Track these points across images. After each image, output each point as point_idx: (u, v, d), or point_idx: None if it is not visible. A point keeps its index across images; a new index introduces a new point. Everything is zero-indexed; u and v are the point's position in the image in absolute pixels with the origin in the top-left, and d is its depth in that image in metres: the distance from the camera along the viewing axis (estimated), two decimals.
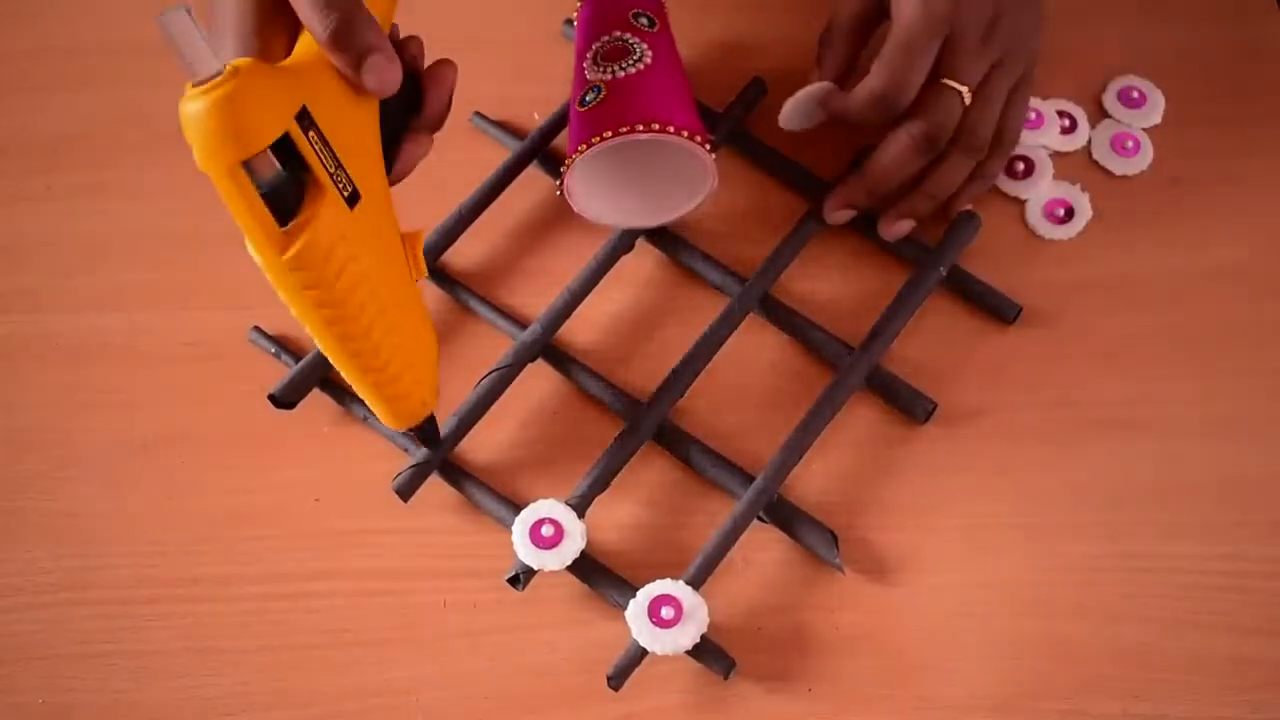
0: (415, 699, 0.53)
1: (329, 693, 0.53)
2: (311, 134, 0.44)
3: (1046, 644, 0.54)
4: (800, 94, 0.61)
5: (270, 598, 0.55)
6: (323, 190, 0.45)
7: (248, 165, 0.43)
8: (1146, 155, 0.65)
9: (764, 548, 0.56)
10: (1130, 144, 0.65)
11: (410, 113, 0.50)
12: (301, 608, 0.55)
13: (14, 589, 0.56)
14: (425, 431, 0.54)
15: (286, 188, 0.44)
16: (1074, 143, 0.66)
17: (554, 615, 0.55)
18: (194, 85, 0.41)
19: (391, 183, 0.50)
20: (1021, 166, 0.65)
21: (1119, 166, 0.65)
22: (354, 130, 0.47)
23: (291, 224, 0.45)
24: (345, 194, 0.46)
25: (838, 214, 0.62)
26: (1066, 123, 0.66)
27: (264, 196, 0.43)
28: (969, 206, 0.62)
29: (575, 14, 0.64)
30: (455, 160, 0.64)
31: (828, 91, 0.60)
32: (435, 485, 0.57)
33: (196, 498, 0.57)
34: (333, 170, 0.45)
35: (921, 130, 0.58)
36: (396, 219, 0.50)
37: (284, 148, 0.43)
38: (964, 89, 0.58)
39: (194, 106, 0.41)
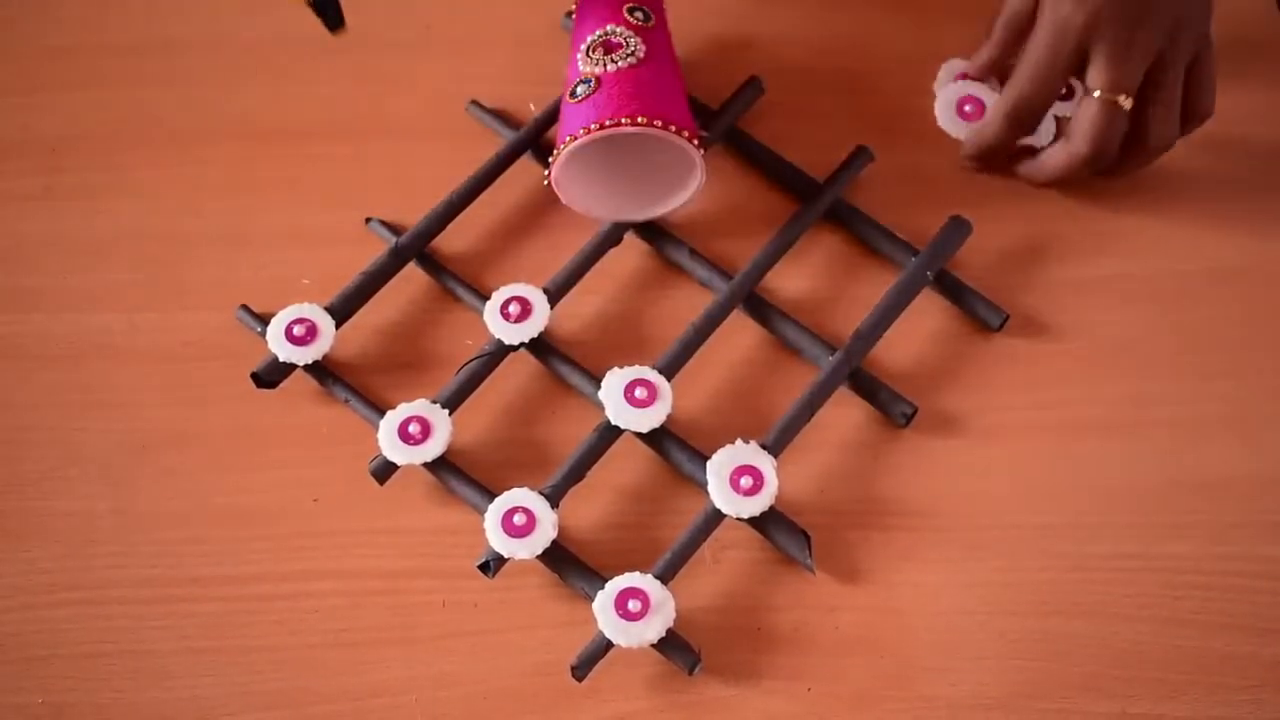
0: (414, 699, 0.53)
1: (328, 693, 0.53)
2: None
3: (1045, 643, 0.54)
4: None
5: (269, 598, 0.55)
6: None
7: None
8: None
9: (744, 545, 0.56)
10: None
11: None
12: (300, 608, 0.55)
13: (14, 589, 0.56)
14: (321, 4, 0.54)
15: None
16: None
17: (553, 616, 0.55)
18: None
19: None
20: None
21: None
22: None
23: None
24: None
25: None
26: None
27: None
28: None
29: (575, 6, 0.64)
30: (449, 148, 0.64)
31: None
32: (432, 486, 0.57)
33: (196, 498, 0.57)
34: None
35: (1081, 152, 0.57)
36: None
37: None
38: (1119, 97, 0.56)
39: None
